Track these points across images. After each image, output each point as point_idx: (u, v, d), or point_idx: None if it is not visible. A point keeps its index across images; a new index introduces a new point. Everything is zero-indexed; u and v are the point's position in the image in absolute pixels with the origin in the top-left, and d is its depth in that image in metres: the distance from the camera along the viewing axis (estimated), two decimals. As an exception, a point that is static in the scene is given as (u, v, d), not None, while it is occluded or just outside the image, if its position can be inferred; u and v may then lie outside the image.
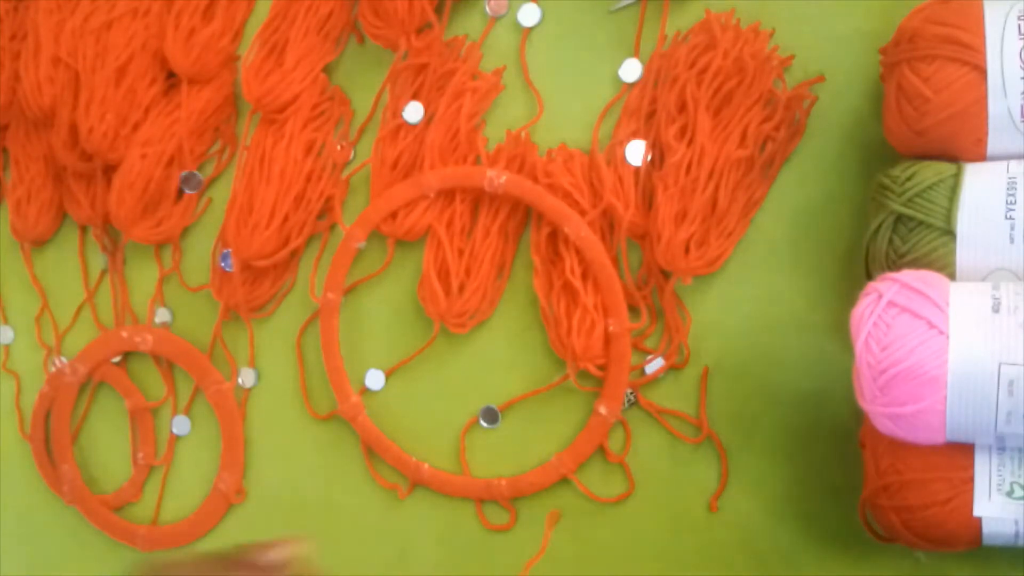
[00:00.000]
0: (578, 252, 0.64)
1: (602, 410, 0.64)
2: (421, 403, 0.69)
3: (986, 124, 0.53)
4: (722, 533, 0.64)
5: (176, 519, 0.75)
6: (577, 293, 0.64)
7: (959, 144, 0.54)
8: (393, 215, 0.68)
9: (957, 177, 0.53)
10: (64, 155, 0.73)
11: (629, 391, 0.64)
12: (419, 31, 0.67)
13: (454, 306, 0.66)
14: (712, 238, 0.62)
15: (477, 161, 0.67)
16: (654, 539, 0.65)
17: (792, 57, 0.62)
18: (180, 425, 0.75)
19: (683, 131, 0.62)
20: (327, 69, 0.71)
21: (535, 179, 0.65)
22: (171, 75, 0.73)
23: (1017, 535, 0.52)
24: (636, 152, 0.64)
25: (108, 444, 0.77)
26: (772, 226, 0.63)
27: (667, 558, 0.65)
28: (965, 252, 0.52)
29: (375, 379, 0.70)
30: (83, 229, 0.77)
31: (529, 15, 0.67)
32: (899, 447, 0.53)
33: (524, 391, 0.67)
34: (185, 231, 0.74)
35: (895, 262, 0.54)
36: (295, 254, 0.72)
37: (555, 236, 0.66)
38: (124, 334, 0.75)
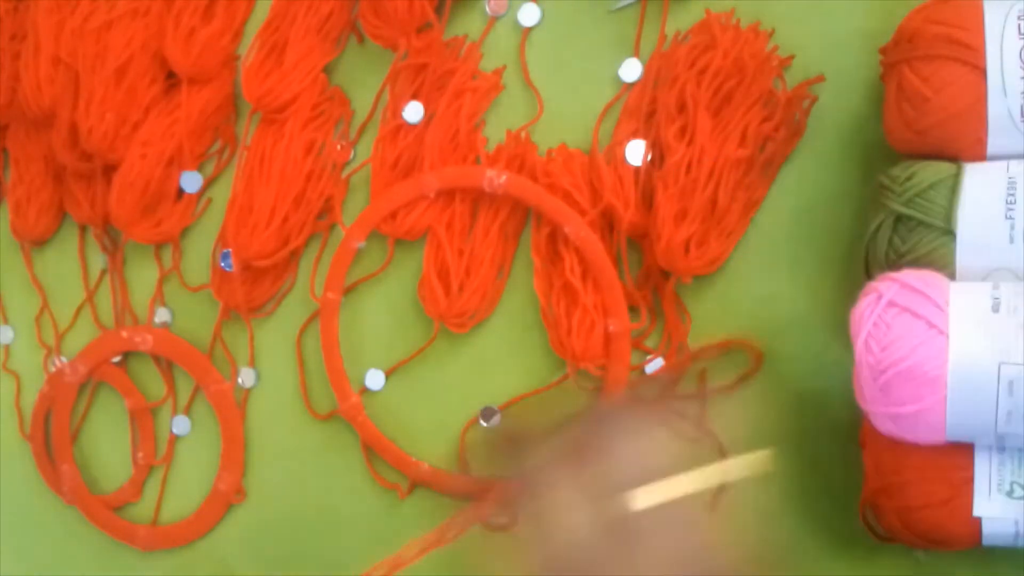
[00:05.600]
0: (578, 252, 0.64)
1: (602, 410, 0.64)
2: (421, 403, 0.69)
3: (986, 124, 0.53)
4: (722, 533, 0.64)
5: (176, 519, 0.75)
6: (577, 293, 0.64)
7: (959, 144, 0.54)
8: (393, 215, 0.68)
9: (957, 177, 0.53)
10: (64, 155, 0.73)
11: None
12: (419, 31, 0.67)
13: (454, 306, 0.66)
14: (712, 238, 0.62)
15: (477, 161, 0.67)
16: (654, 539, 0.65)
17: (792, 57, 0.62)
18: (180, 425, 0.75)
19: (683, 131, 0.62)
20: (327, 69, 0.71)
21: (535, 179, 0.65)
22: (171, 75, 0.73)
23: (1017, 535, 0.52)
24: (636, 152, 0.64)
25: (108, 444, 0.77)
26: (772, 226, 0.63)
27: (667, 558, 0.65)
28: (965, 252, 0.52)
29: (375, 379, 0.70)
30: (83, 229, 0.77)
31: (529, 15, 0.67)
32: (899, 447, 0.53)
33: (524, 391, 0.67)
34: (185, 231, 0.74)
35: (895, 262, 0.54)
36: (295, 254, 0.71)
37: (555, 236, 0.66)
38: (124, 334, 0.75)
